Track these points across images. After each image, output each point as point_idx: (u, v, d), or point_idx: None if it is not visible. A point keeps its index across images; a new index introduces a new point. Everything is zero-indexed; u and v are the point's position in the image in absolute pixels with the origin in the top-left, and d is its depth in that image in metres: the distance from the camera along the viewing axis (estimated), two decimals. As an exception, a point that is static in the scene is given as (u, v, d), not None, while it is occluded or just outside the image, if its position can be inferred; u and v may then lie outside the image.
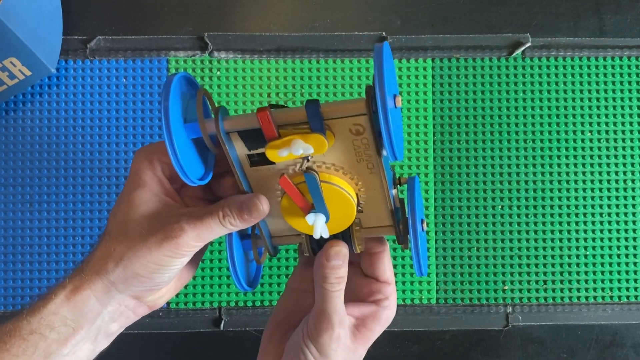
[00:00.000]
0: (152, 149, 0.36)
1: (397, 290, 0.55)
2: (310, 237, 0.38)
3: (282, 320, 0.40)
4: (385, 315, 0.39)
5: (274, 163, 0.35)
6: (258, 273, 0.43)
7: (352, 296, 0.39)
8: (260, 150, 0.35)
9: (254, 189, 0.37)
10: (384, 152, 0.34)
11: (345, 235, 0.38)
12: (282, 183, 0.35)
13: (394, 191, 0.37)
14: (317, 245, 0.39)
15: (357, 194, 0.37)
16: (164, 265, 0.34)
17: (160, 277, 0.35)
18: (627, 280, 0.55)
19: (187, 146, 0.34)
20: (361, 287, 0.40)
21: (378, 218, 0.38)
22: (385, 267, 0.40)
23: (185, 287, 0.54)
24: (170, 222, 0.34)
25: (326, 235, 0.36)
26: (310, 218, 0.35)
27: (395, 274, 0.55)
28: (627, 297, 0.55)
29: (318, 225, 0.35)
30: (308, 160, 0.35)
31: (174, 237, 0.34)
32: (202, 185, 0.38)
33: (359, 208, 0.37)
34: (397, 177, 0.39)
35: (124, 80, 0.56)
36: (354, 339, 0.37)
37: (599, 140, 0.56)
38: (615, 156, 0.56)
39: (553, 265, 0.55)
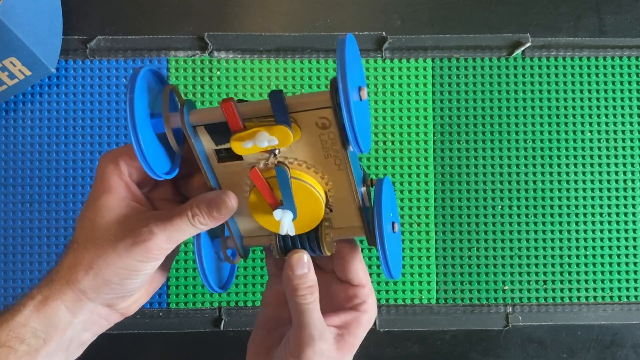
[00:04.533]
0: (118, 153, 0.35)
1: (397, 290, 0.55)
2: (279, 237, 0.38)
3: (264, 337, 0.40)
4: (367, 319, 0.39)
5: (242, 159, 0.35)
6: (232, 275, 0.43)
7: (330, 304, 0.39)
8: (227, 145, 0.34)
9: (222, 186, 0.36)
10: (350, 147, 0.34)
11: (313, 237, 0.37)
12: (252, 175, 0.34)
13: (362, 189, 0.37)
14: (285, 248, 0.38)
15: (326, 193, 0.36)
16: (135, 270, 0.34)
17: (131, 282, 0.34)
18: (627, 280, 0.55)
19: (154, 141, 0.34)
20: (337, 294, 0.40)
21: (348, 218, 0.38)
22: (359, 270, 0.39)
23: (185, 287, 0.54)
24: (139, 226, 0.33)
25: (292, 233, 0.36)
26: (277, 214, 0.35)
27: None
28: (627, 297, 0.55)
29: (285, 222, 0.35)
30: (275, 156, 0.35)
31: (144, 241, 0.33)
32: (170, 185, 0.38)
33: (329, 208, 0.37)
34: (369, 178, 0.38)
35: (124, 80, 0.56)
36: (339, 348, 0.37)
37: (599, 140, 0.56)
38: (615, 156, 0.56)
39: (553, 265, 0.55)
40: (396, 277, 0.38)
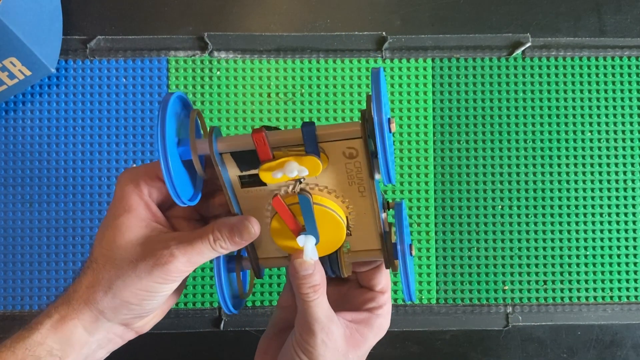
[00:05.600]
0: (138, 173, 0.35)
1: (397, 290, 0.55)
2: None
3: (275, 335, 0.40)
4: (378, 323, 0.39)
5: (265, 184, 0.35)
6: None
7: (347, 306, 0.40)
8: (252, 172, 0.35)
9: (243, 210, 0.37)
10: (377, 176, 0.35)
11: (333, 260, 0.38)
12: (274, 204, 0.34)
13: (383, 215, 0.37)
14: None
15: (346, 217, 0.37)
16: (153, 291, 0.34)
17: (149, 303, 0.35)
18: (627, 280, 0.55)
19: (179, 168, 0.34)
20: (356, 297, 0.40)
21: (367, 241, 0.38)
22: (381, 278, 0.40)
23: (185, 287, 0.54)
24: (159, 248, 0.33)
25: (315, 257, 0.36)
26: (300, 239, 0.35)
27: (395, 274, 0.55)
28: (627, 297, 0.55)
29: (308, 247, 0.35)
30: (300, 182, 0.35)
31: (165, 263, 0.33)
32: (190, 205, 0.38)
33: (348, 231, 0.37)
34: (386, 201, 0.39)
35: (124, 80, 0.56)
36: (345, 343, 0.37)
37: (599, 140, 0.56)
38: (616, 156, 0.56)
39: (553, 265, 0.55)
40: (414, 299, 0.39)
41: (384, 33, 0.56)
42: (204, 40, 0.56)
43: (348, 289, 0.41)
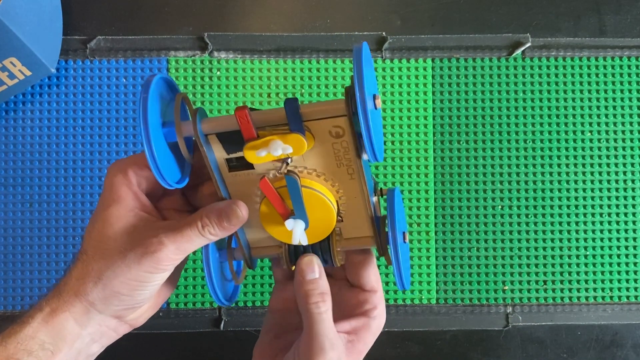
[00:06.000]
0: (127, 163, 0.35)
1: (397, 290, 0.55)
2: (289, 248, 0.37)
3: (270, 342, 0.40)
4: (376, 325, 0.38)
5: (253, 168, 0.35)
6: (237, 287, 0.43)
7: (341, 311, 0.39)
8: (239, 154, 0.34)
9: (232, 195, 0.36)
10: (364, 156, 0.34)
11: (324, 247, 0.37)
12: (262, 186, 0.34)
13: (374, 198, 0.37)
14: (296, 258, 0.38)
15: (337, 202, 0.36)
16: (144, 281, 0.34)
17: (140, 294, 0.34)
18: (627, 280, 0.55)
19: (165, 150, 0.34)
20: (348, 299, 0.39)
21: (359, 228, 0.37)
22: (371, 275, 0.39)
23: (185, 287, 0.54)
24: (148, 237, 0.33)
25: (305, 243, 0.35)
26: (289, 223, 0.34)
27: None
28: (627, 297, 0.55)
29: (297, 232, 0.34)
30: (288, 164, 0.34)
31: (154, 252, 0.33)
32: (179, 195, 0.37)
33: (339, 217, 0.37)
34: (379, 188, 0.38)
35: (124, 80, 0.56)
36: (349, 355, 0.37)
37: (599, 140, 0.56)
38: (615, 156, 0.56)
39: (553, 265, 0.55)
40: (407, 287, 0.38)
41: (384, 33, 0.56)
42: (204, 40, 0.56)
43: (338, 290, 0.40)
